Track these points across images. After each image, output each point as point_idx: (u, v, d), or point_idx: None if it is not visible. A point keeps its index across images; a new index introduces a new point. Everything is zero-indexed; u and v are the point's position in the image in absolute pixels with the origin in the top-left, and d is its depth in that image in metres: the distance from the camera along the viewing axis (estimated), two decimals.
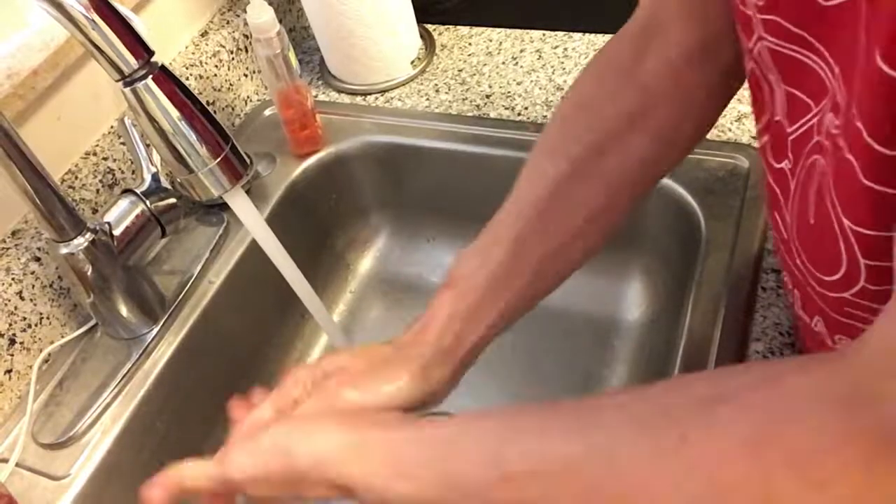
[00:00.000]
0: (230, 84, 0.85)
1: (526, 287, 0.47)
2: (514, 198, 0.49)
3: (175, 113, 0.45)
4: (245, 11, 0.72)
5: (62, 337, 0.68)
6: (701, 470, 0.28)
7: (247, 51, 0.87)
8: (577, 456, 0.32)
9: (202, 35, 0.84)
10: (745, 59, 0.39)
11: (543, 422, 0.35)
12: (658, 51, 0.46)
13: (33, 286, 0.64)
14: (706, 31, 0.44)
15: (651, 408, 0.32)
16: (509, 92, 0.82)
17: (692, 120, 0.48)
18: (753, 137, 0.70)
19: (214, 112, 0.80)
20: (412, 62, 0.87)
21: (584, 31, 0.86)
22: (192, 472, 0.43)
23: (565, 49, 0.85)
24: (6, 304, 0.62)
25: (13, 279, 0.63)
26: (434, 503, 0.36)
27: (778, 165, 0.39)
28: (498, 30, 0.90)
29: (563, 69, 0.83)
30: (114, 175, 0.73)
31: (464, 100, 0.82)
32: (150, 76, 0.44)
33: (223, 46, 0.84)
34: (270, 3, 0.73)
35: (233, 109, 0.86)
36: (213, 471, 0.42)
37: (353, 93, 0.87)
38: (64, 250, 0.60)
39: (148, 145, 0.69)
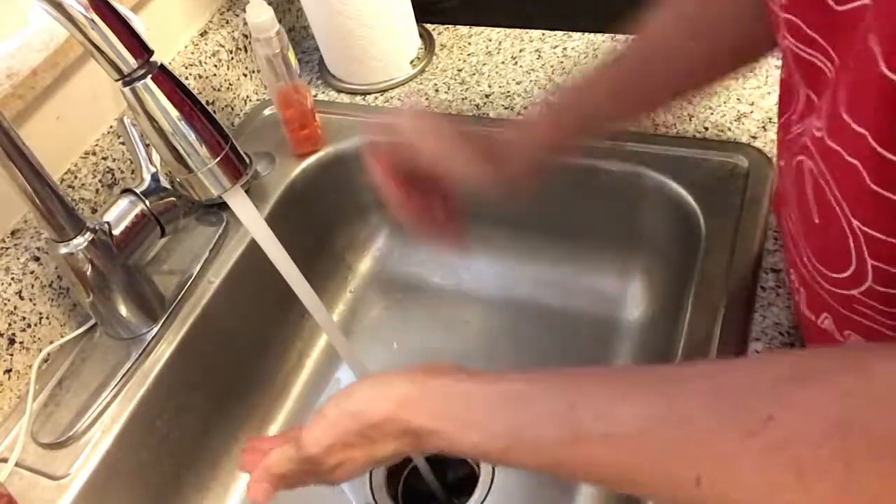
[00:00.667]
0: (230, 84, 0.85)
1: (625, 112, 0.54)
2: (625, 43, 0.52)
3: (174, 112, 0.45)
4: (244, 11, 0.72)
5: (62, 337, 0.67)
6: (784, 450, 0.28)
7: (246, 50, 0.87)
8: (654, 421, 0.32)
9: (201, 35, 0.84)
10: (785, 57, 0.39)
11: (620, 384, 0.35)
12: None
13: (33, 286, 0.64)
14: None
15: (737, 381, 0.31)
16: (509, 91, 0.82)
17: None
18: (753, 137, 0.70)
19: (214, 112, 0.80)
20: (412, 62, 0.87)
21: (584, 31, 0.86)
22: (276, 459, 0.45)
23: (565, 49, 0.85)
24: (6, 304, 0.62)
25: (13, 279, 0.63)
26: (499, 455, 0.37)
27: (781, 163, 0.39)
28: (497, 29, 0.90)
29: (563, 69, 0.82)
30: (113, 175, 0.73)
31: (463, 99, 0.82)
32: (150, 76, 0.44)
33: (222, 46, 0.84)
34: (270, 3, 0.73)
35: (232, 109, 0.86)
36: (293, 453, 0.44)
37: (353, 92, 0.87)
38: (63, 250, 0.60)
39: (147, 145, 0.69)
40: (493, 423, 0.37)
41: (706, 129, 0.72)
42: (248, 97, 0.88)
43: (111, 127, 0.74)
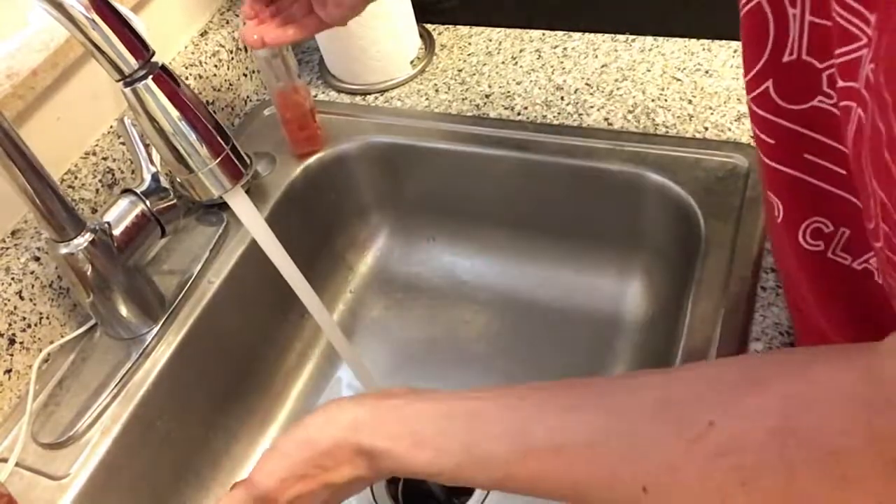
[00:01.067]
0: (230, 84, 0.85)
1: None
2: None
3: (175, 113, 0.45)
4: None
5: (62, 337, 0.67)
6: (726, 457, 0.28)
7: (246, 51, 0.87)
8: (603, 434, 0.32)
9: (202, 35, 0.84)
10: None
11: (570, 398, 0.35)
12: None
13: (33, 286, 0.64)
14: None
15: (683, 390, 0.32)
16: (509, 92, 0.82)
17: None
18: (752, 137, 0.70)
19: (214, 112, 0.80)
20: (412, 62, 0.87)
21: (584, 31, 0.86)
22: (231, 501, 0.43)
23: (565, 49, 0.85)
24: (6, 304, 0.62)
25: (13, 279, 0.63)
26: (452, 472, 0.37)
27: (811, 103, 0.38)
28: (497, 29, 0.90)
29: (563, 69, 0.83)
30: (113, 175, 0.73)
31: (463, 100, 0.82)
32: (150, 76, 0.44)
33: (223, 46, 0.84)
34: None
35: (232, 109, 0.86)
36: (243, 494, 0.42)
37: (353, 93, 0.87)
38: (63, 250, 0.60)
39: (148, 145, 0.69)
40: (444, 440, 0.37)
41: (706, 129, 0.72)
42: (248, 97, 0.88)
43: (111, 127, 0.74)
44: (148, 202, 0.66)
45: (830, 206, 0.40)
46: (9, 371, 0.63)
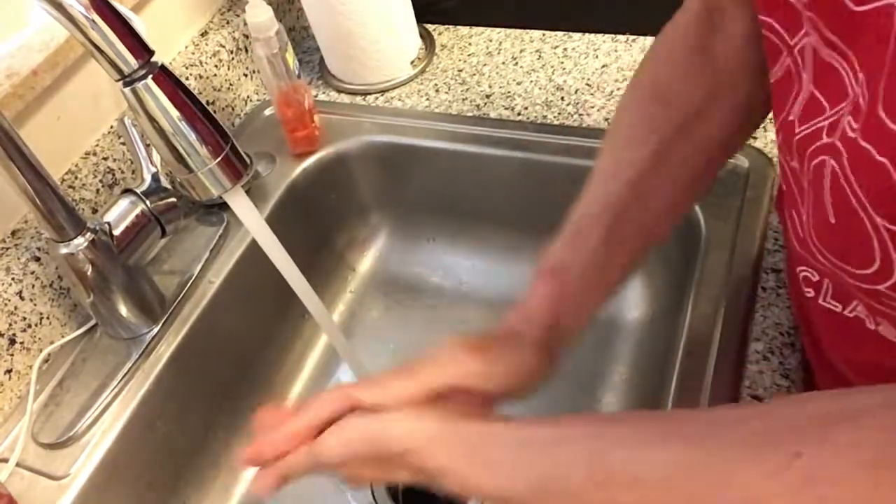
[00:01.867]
0: (230, 84, 0.85)
1: (620, 272, 0.48)
2: (597, 188, 0.49)
3: (175, 113, 0.45)
4: (245, 11, 0.72)
5: (62, 337, 0.68)
6: (813, 488, 0.27)
7: (246, 51, 0.87)
8: (682, 466, 0.32)
9: (202, 35, 0.84)
10: (782, 56, 0.39)
11: (648, 430, 0.35)
12: (723, 31, 0.46)
13: (33, 286, 0.64)
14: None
15: (766, 425, 0.31)
16: (509, 92, 0.82)
17: (755, 98, 0.48)
18: (753, 137, 0.70)
19: (214, 112, 0.80)
20: (412, 62, 0.87)
21: (584, 31, 0.86)
22: (288, 465, 0.44)
23: (565, 49, 0.85)
24: (6, 304, 0.62)
25: (13, 279, 0.63)
26: (522, 498, 0.37)
27: (791, 164, 0.39)
28: (498, 30, 0.90)
29: (563, 69, 0.83)
30: (114, 175, 0.73)
31: (464, 100, 0.82)
32: (150, 76, 0.44)
33: (223, 46, 0.84)
34: (270, 3, 0.73)
35: (232, 109, 0.86)
36: (305, 460, 0.43)
37: (353, 93, 0.87)
38: (64, 250, 0.60)
39: (148, 145, 0.69)
40: (517, 467, 0.37)
41: None
42: (248, 97, 0.88)
43: (111, 127, 0.74)
44: (148, 202, 0.66)
45: (809, 259, 0.41)
46: (9, 371, 0.63)
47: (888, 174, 0.29)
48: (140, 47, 0.43)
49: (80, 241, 0.60)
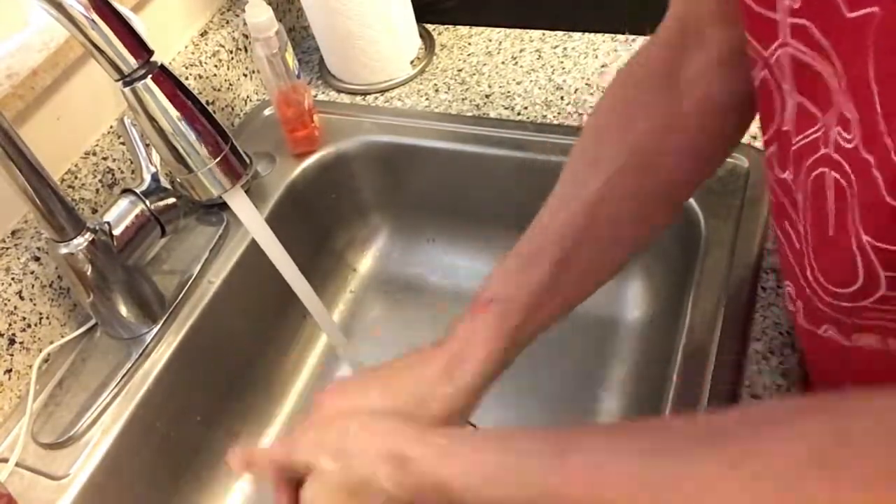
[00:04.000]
0: (230, 84, 0.85)
1: (564, 304, 0.47)
2: (552, 212, 0.48)
3: (174, 112, 0.45)
4: (244, 11, 0.72)
5: (62, 337, 0.67)
6: (771, 481, 0.28)
7: (246, 50, 0.87)
8: (634, 465, 0.33)
9: (202, 35, 0.84)
10: (757, 69, 0.39)
11: (609, 437, 0.36)
12: (696, 56, 0.46)
13: (33, 286, 0.64)
14: (738, 33, 0.44)
15: (715, 422, 0.32)
16: (509, 92, 0.82)
17: (728, 126, 0.48)
18: (753, 137, 0.70)
19: (214, 112, 0.80)
20: (412, 62, 0.87)
21: (584, 31, 0.86)
22: None
23: (565, 49, 0.85)
24: (6, 304, 0.62)
25: (13, 279, 0.63)
26: (480, 485, 0.36)
27: (782, 175, 0.39)
28: (497, 29, 0.90)
29: (563, 69, 0.83)
30: (113, 175, 0.73)
31: (463, 100, 0.82)
32: (150, 76, 0.44)
33: (223, 46, 0.84)
34: (270, 3, 0.73)
35: (232, 109, 0.86)
36: None
37: (353, 92, 0.87)
38: (64, 250, 0.60)
39: (147, 145, 0.69)
40: (519, 480, 0.36)
41: None
42: (248, 97, 0.88)
43: (111, 127, 0.74)
44: (148, 202, 0.66)
45: (791, 274, 0.41)
46: (9, 371, 0.63)
47: (879, 190, 0.29)
48: (140, 47, 0.43)
49: (80, 241, 0.60)
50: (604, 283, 0.49)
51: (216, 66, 0.83)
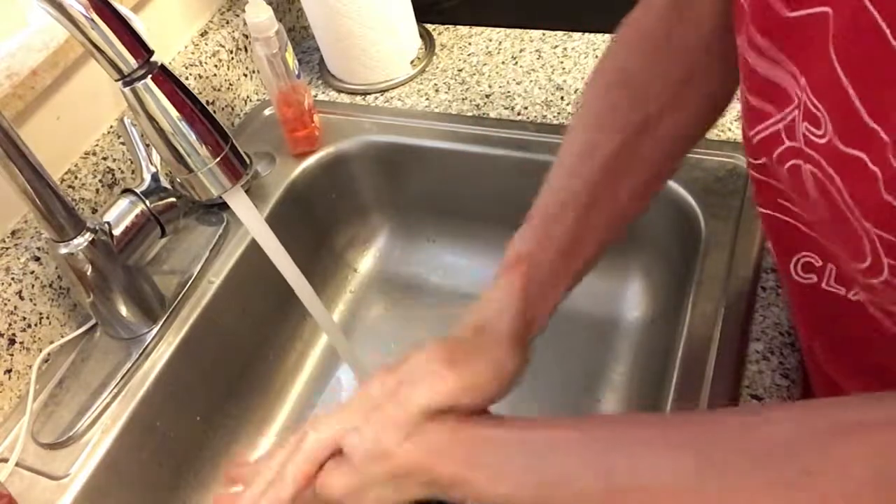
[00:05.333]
0: (230, 84, 0.85)
1: (588, 259, 0.47)
2: (568, 172, 0.48)
3: (174, 112, 0.45)
4: (245, 11, 0.72)
5: (62, 337, 0.67)
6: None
7: (246, 50, 0.87)
8: (689, 477, 0.32)
9: (202, 35, 0.84)
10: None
11: (656, 435, 0.35)
12: (689, 23, 0.46)
13: (33, 286, 0.64)
14: (727, 6, 0.44)
15: (771, 435, 0.31)
16: (509, 92, 0.82)
17: (725, 87, 0.48)
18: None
19: (214, 112, 0.80)
20: (412, 62, 0.87)
21: (584, 31, 0.86)
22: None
23: (565, 49, 0.85)
24: (6, 304, 0.62)
25: (13, 279, 0.63)
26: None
27: (758, 161, 0.39)
28: (497, 29, 0.90)
29: (563, 69, 0.82)
30: (113, 175, 0.73)
31: (463, 99, 0.82)
32: (150, 76, 0.44)
33: (223, 46, 0.84)
34: (270, 3, 0.73)
35: (232, 109, 0.86)
36: (313, 500, 0.42)
37: (353, 92, 0.87)
38: (63, 250, 0.60)
39: (147, 145, 0.69)
40: (524, 473, 0.37)
41: None
42: (248, 97, 0.88)
43: (111, 127, 0.74)
44: (148, 202, 0.66)
45: (812, 244, 0.41)
46: (9, 371, 0.63)
47: (878, 186, 0.29)
48: (140, 47, 0.43)
49: (80, 241, 0.60)
50: (613, 243, 0.49)
51: (216, 66, 0.83)
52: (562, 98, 0.79)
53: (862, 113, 0.29)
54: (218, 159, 0.47)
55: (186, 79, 0.79)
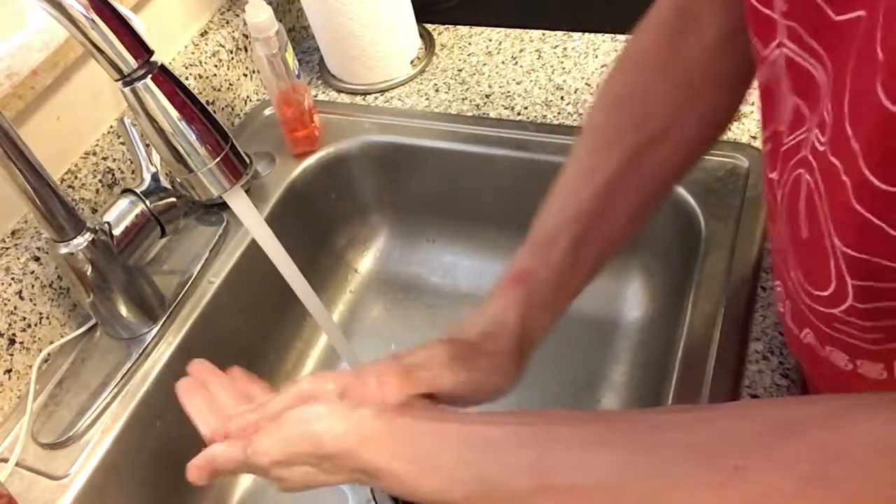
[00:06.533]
0: (230, 84, 0.85)
1: (586, 277, 0.48)
2: (568, 193, 0.49)
3: (174, 112, 0.45)
4: (245, 11, 0.72)
5: (62, 337, 0.67)
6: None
7: (246, 50, 0.87)
8: (623, 472, 0.32)
9: (202, 35, 0.84)
10: (761, 69, 0.39)
11: (590, 432, 0.35)
12: (694, 38, 0.46)
13: (33, 286, 0.64)
14: (736, 15, 0.43)
15: (711, 434, 0.31)
16: (509, 92, 0.82)
17: (729, 101, 0.49)
18: (753, 137, 0.70)
19: (214, 112, 0.80)
20: (412, 62, 0.87)
21: (584, 31, 0.86)
22: (222, 457, 0.46)
23: (565, 49, 0.85)
24: (6, 304, 0.62)
25: (13, 279, 0.63)
26: (461, 500, 0.36)
27: (770, 175, 0.39)
28: (497, 29, 0.90)
29: (563, 69, 0.82)
30: (113, 175, 0.73)
31: (463, 99, 0.82)
32: (150, 76, 0.44)
33: (223, 46, 0.84)
34: (270, 3, 0.73)
35: (232, 109, 0.86)
36: (239, 456, 0.44)
37: (353, 92, 0.87)
38: (63, 250, 0.60)
39: (147, 145, 0.69)
40: (457, 468, 0.36)
41: None
42: (248, 97, 0.88)
43: (111, 127, 0.74)
44: (148, 202, 0.66)
45: (780, 272, 0.41)
46: (9, 371, 0.63)
47: (848, 196, 0.29)
48: (140, 47, 0.43)
49: (80, 241, 0.60)
50: (614, 257, 0.50)
51: (216, 66, 0.83)
52: (562, 98, 0.79)
53: (846, 119, 0.29)
54: (218, 159, 0.47)
55: (186, 79, 0.79)
